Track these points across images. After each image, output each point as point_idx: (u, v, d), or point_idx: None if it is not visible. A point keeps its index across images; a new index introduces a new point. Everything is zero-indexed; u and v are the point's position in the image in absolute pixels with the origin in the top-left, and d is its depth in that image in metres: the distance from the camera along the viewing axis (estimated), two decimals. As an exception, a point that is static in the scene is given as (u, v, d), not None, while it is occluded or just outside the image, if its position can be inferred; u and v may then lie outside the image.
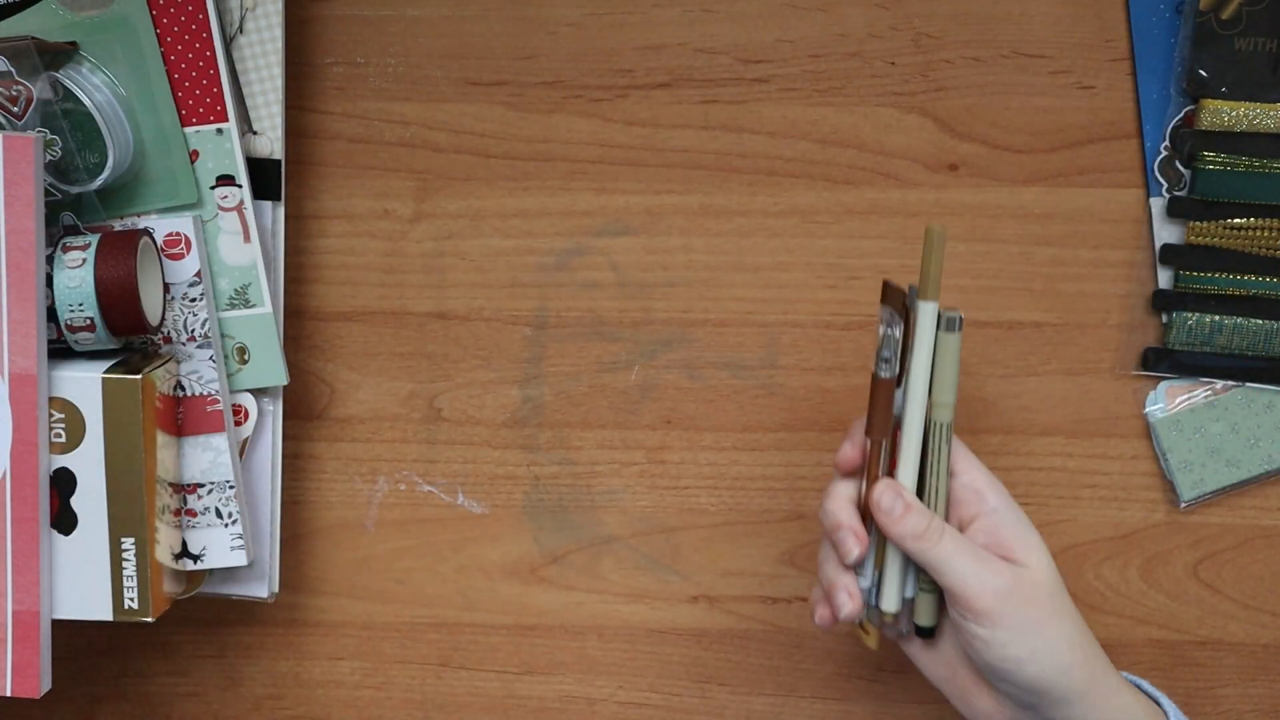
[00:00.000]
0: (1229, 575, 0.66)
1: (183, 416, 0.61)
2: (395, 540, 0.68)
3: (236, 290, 0.62)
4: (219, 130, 0.61)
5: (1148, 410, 0.66)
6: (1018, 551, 0.53)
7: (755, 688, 0.68)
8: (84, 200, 0.59)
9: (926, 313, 0.53)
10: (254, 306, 0.62)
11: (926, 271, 0.53)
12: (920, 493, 0.54)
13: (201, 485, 0.61)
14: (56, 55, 0.59)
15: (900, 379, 0.54)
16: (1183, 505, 0.66)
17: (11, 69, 0.56)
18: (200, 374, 0.61)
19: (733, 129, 0.66)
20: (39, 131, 0.57)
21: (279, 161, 0.63)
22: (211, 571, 0.63)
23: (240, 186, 0.61)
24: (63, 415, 0.57)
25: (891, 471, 0.55)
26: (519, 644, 0.68)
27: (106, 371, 0.57)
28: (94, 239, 0.58)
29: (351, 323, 0.67)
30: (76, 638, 0.68)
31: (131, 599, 0.58)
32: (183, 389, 0.61)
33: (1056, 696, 0.53)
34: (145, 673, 0.69)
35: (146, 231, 0.60)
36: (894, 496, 0.53)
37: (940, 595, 0.55)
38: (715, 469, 0.67)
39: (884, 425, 0.54)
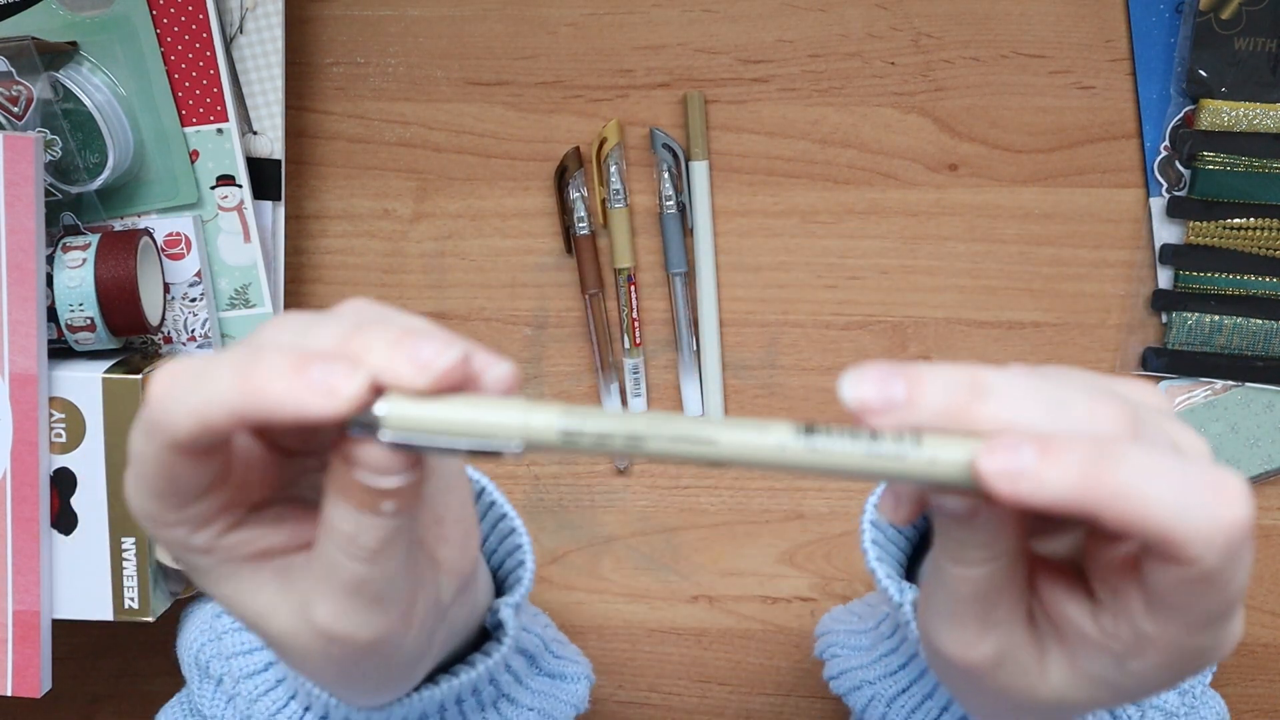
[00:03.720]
0: (1229, 575, 0.66)
1: (183, 416, 0.61)
2: (395, 540, 0.68)
3: (236, 290, 0.62)
4: (219, 130, 0.61)
5: (1148, 410, 0.66)
6: None
7: (755, 688, 0.68)
8: (84, 200, 0.59)
9: (700, 171, 0.64)
10: (254, 306, 0.62)
11: (693, 134, 0.63)
12: None
13: (201, 485, 0.61)
14: (56, 55, 0.59)
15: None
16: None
17: (11, 69, 0.56)
18: (200, 374, 0.61)
19: (733, 129, 0.66)
20: (39, 131, 0.57)
21: (279, 161, 0.63)
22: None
23: (240, 186, 0.61)
24: (63, 415, 0.57)
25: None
26: (519, 644, 0.68)
27: (107, 371, 0.57)
28: (94, 239, 0.58)
29: (351, 323, 0.67)
30: (76, 638, 0.68)
31: (131, 599, 0.58)
32: (183, 389, 0.61)
33: None
34: (145, 673, 0.69)
35: (146, 231, 0.60)
36: None
37: None
38: (715, 469, 0.67)
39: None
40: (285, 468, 0.36)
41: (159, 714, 0.51)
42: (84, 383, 0.57)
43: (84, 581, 0.58)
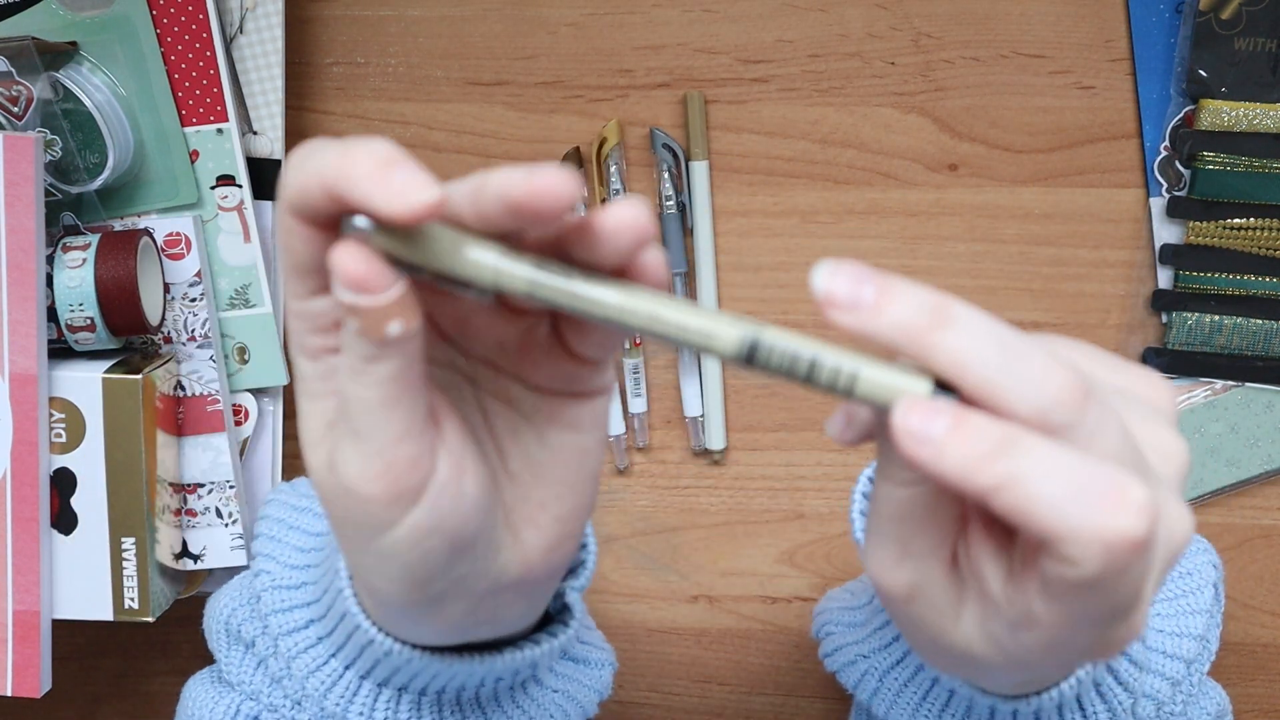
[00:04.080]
0: (1229, 575, 0.66)
1: (183, 416, 0.61)
2: (395, 540, 0.68)
3: (237, 290, 0.62)
4: (219, 130, 0.61)
5: (1148, 410, 0.66)
6: None
7: (755, 688, 0.68)
8: (84, 200, 0.59)
9: (700, 171, 0.64)
10: (254, 306, 0.62)
11: (693, 134, 0.64)
12: None
13: (201, 485, 0.61)
14: (56, 55, 0.59)
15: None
16: (1182, 505, 0.66)
17: (11, 69, 0.56)
18: (200, 374, 0.61)
19: (732, 129, 0.66)
20: (39, 131, 0.57)
21: (279, 161, 0.63)
22: (211, 571, 0.63)
23: (240, 186, 0.61)
24: (63, 415, 0.57)
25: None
26: (519, 644, 0.68)
27: (107, 371, 0.57)
28: (94, 239, 0.58)
29: (351, 323, 0.67)
30: (76, 638, 0.68)
31: (131, 599, 0.58)
32: (183, 389, 0.61)
33: None
34: (145, 673, 0.69)
35: (146, 231, 0.60)
36: None
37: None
38: (715, 469, 0.67)
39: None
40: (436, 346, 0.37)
41: (185, 687, 0.51)
42: (84, 383, 0.57)
43: (84, 581, 0.58)
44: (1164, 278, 0.65)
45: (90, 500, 0.57)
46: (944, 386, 0.31)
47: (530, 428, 0.37)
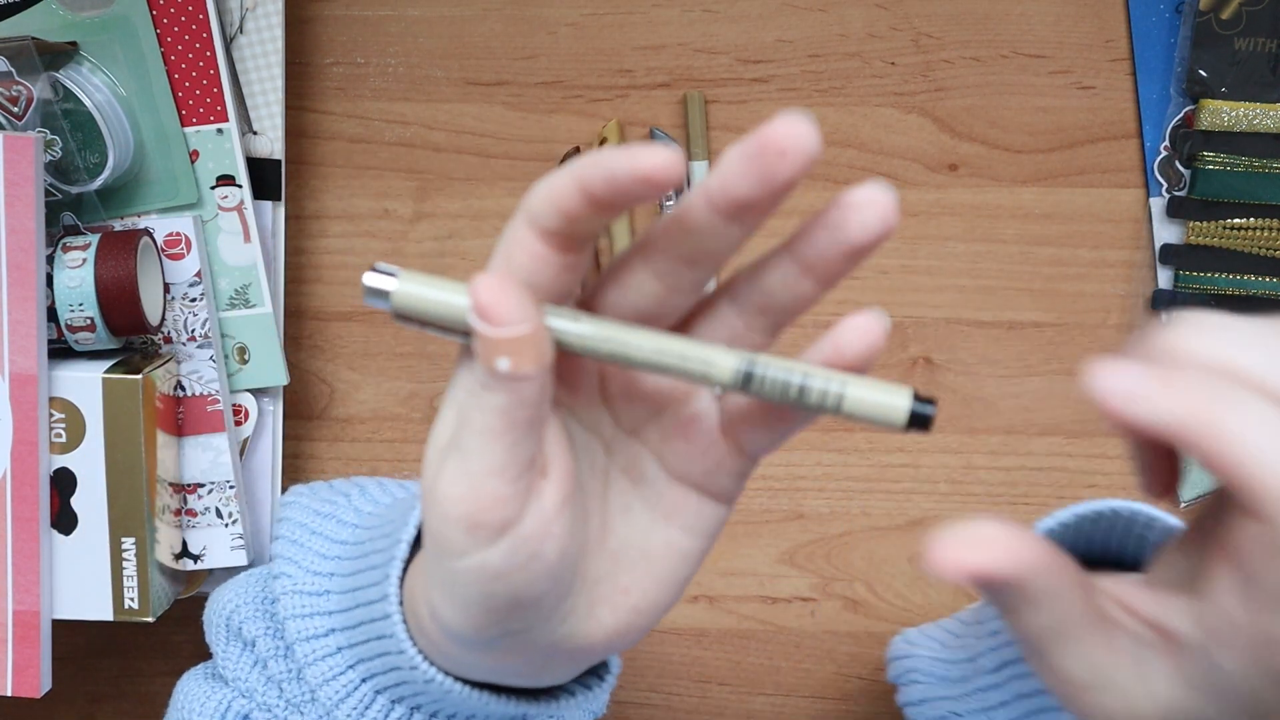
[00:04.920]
0: (1229, 575, 0.66)
1: (183, 416, 0.61)
2: (395, 540, 0.68)
3: (236, 290, 0.62)
4: (219, 130, 0.61)
5: (1148, 410, 0.66)
6: None
7: (755, 688, 0.68)
8: (84, 200, 0.59)
9: (701, 171, 0.64)
10: (254, 306, 0.62)
11: (693, 134, 0.64)
12: None
13: (202, 485, 0.61)
14: (56, 55, 0.59)
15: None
16: (1182, 505, 0.66)
17: (11, 69, 0.56)
18: (200, 374, 0.61)
19: (733, 129, 0.66)
20: (39, 131, 0.57)
21: (279, 161, 0.63)
22: (211, 571, 0.63)
23: (240, 186, 0.61)
24: (63, 415, 0.57)
25: None
26: (519, 644, 0.68)
27: (107, 371, 0.57)
28: (94, 239, 0.58)
29: (351, 323, 0.67)
30: (76, 638, 0.68)
31: (131, 599, 0.58)
32: (183, 389, 0.61)
33: None
34: (145, 673, 0.69)
35: (146, 231, 0.60)
36: None
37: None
38: (715, 469, 0.67)
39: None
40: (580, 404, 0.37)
41: (179, 682, 0.50)
42: (84, 383, 0.57)
43: (84, 581, 0.58)
44: (1164, 278, 0.65)
45: (90, 500, 0.57)
46: (921, 398, 0.33)
47: (645, 512, 0.37)
